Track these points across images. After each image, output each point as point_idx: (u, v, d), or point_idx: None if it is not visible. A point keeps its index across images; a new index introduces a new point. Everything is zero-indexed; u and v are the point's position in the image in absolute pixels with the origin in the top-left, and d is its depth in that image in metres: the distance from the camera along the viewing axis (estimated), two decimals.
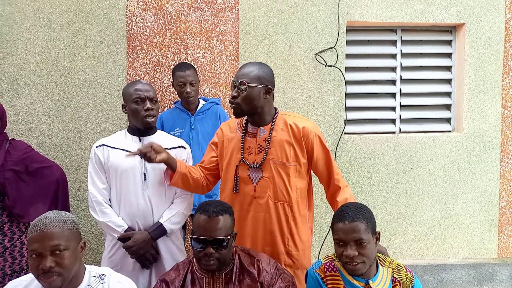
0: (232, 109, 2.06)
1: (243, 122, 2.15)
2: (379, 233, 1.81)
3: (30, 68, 3.16)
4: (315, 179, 2.25)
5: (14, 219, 2.39)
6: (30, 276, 1.61)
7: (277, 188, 2.06)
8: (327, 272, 1.82)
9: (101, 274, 1.66)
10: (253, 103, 2.03)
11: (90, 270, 1.66)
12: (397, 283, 1.82)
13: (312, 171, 2.21)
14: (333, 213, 2.22)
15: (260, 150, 2.08)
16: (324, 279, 1.81)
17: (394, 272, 1.84)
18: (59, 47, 3.18)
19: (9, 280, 2.30)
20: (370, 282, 1.77)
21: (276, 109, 2.16)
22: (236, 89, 2.02)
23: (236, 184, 2.09)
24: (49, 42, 3.17)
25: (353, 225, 1.71)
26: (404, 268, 1.86)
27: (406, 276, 1.84)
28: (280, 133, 2.08)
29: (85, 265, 1.67)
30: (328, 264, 1.84)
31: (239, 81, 2.01)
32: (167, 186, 2.22)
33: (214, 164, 2.24)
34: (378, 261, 1.86)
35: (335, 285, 1.79)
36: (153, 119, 2.20)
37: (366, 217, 1.75)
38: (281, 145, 2.06)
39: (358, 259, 1.70)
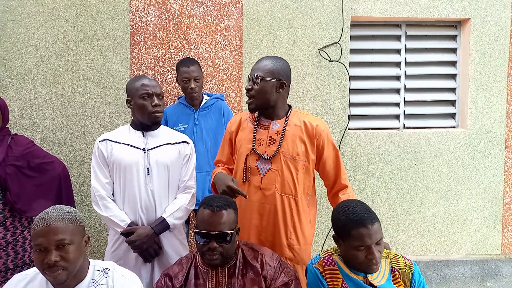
0: (248, 104, 2.10)
1: (256, 114, 2.19)
2: None
3: (34, 63, 3.17)
4: (317, 177, 2.26)
5: (16, 214, 2.40)
6: (34, 270, 1.62)
7: (284, 181, 2.08)
8: (326, 266, 1.82)
9: (105, 268, 1.67)
10: (266, 97, 2.07)
11: (94, 264, 1.66)
12: (396, 272, 1.82)
13: (317, 171, 2.22)
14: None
15: (271, 143, 2.10)
16: (323, 273, 1.81)
17: (392, 262, 1.84)
18: (63, 42, 3.18)
19: (12, 274, 2.32)
20: (369, 276, 1.78)
21: (289, 106, 2.19)
22: (250, 82, 2.08)
23: (246, 174, 2.11)
24: (53, 37, 3.17)
25: (374, 226, 1.69)
26: (401, 257, 1.86)
27: (405, 264, 1.83)
28: (293, 128, 2.11)
29: (89, 259, 1.68)
30: (326, 258, 1.84)
31: (255, 74, 2.06)
32: (170, 180, 2.23)
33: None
34: None
35: (333, 279, 1.80)
36: (160, 115, 2.20)
37: (376, 215, 1.76)
38: (293, 140, 2.09)
39: (379, 258, 1.70)
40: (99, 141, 2.23)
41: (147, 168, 2.17)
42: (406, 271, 1.82)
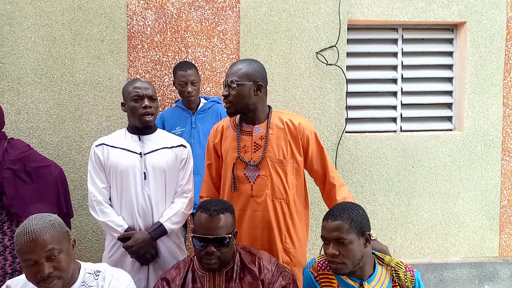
0: (226, 109, 2.06)
1: (237, 121, 2.14)
2: (369, 235, 1.74)
3: (31, 67, 3.16)
4: (308, 177, 2.25)
5: (13, 218, 2.39)
6: None
7: (275, 186, 2.05)
8: (320, 270, 1.80)
9: (96, 270, 1.66)
10: (244, 101, 2.02)
11: (86, 267, 1.65)
12: (396, 284, 1.77)
13: (306, 170, 2.20)
14: None
15: (257, 149, 2.07)
16: (317, 278, 1.79)
17: (393, 272, 1.79)
18: (60, 46, 3.18)
19: (9, 279, 2.30)
20: (365, 283, 1.74)
21: (269, 107, 2.15)
22: (226, 88, 2.02)
23: (234, 183, 2.08)
24: (50, 41, 3.17)
25: (335, 223, 1.69)
26: (403, 267, 1.80)
27: (405, 276, 1.77)
28: (277, 131, 2.07)
29: (80, 262, 1.66)
30: (321, 262, 1.82)
31: (229, 80, 2.01)
32: (167, 184, 2.22)
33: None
34: (376, 260, 1.82)
35: (328, 284, 1.77)
36: (151, 118, 2.16)
37: (351, 217, 1.70)
38: (278, 142, 2.06)
39: (338, 259, 1.67)
40: (96, 146, 2.22)
41: (144, 173, 2.17)
42: (407, 283, 1.77)
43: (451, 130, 3.63)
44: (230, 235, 1.77)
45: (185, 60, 3.25)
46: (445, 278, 3.55)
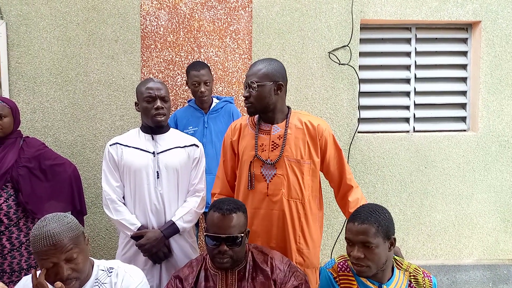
0: (246, 108, 2.07)
1: (255, 119, 2.15)
2: (394, 239, 1.73)
3: (46, 66, 3.21)
4: (324, 178, 2.25)
5: (29, 215, 2.43)
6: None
7: (291, 186, 2.06)
8: (340, 271, 1.79)
9: (109, 267, 1.68)
10: (265, 101, 2.04)
11: (99, 264, 1.67)
12: None
13: (322, 172, 2.20)
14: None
15: (274, 148, 2.07)
16: (337, 279, 1.79)
17: (411, 277, 1.79)
18: (74, 46, 3.22)
19: (26, 274, 2.34)
20: (384, 287, 1.74)
21: (289, 107, 2.16)
22: (247, 89, 2.04)
23: (250, 181, 2.09)
24: (65, 41, 3.21)
25: (362, 227, 1.66)
26: (421, 273, 1.80)
27: (424, 282, 1.77)
28: (295, 131, 2.08)
29: (93, 259, 1.68)
30: (341, 264, 1.82)
31: (249, 81, 2.03)
32: (180, 183, 2.24)
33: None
34: (395, 264, 1.81)
35: (347, 285, 1.77)
36: (163, 118, 2.19)
37: (379, 221, 1.68)
38: (296, 142, 2.06)
39: (363, 262, 1.66)
40: (110, 145, 2.24)
41: (157, 172, 2.19)
42: None
43: (465, 130, 3.60)
44: (242, 234, 1.78)
45: (198, 60, 3.26)
46: (458, 280, 3.51)
